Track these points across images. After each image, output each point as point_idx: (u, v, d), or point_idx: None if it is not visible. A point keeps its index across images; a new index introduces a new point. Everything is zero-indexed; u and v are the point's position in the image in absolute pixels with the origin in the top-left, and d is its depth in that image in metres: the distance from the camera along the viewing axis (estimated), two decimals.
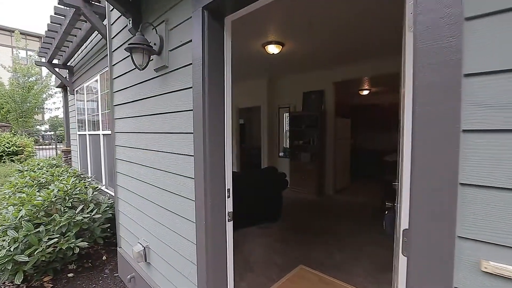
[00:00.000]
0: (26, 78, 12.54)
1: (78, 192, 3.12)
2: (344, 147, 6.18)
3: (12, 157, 9.04)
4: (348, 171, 6.50)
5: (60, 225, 2.63)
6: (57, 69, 5.92)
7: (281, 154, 6.70)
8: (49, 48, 4.73)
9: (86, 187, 3.33)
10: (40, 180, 3.78)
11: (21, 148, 9.55)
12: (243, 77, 6.48)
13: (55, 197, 2.95)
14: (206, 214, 1.46)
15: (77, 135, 5.47)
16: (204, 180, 1.44)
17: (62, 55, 5.17)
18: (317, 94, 5.83)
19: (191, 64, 1.50)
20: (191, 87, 1.51)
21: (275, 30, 3.52)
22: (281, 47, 4.06)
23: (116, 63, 2.47)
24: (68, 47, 4.68)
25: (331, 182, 5.75)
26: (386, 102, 7.40)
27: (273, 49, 4.06)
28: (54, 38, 4.26)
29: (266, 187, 3.93)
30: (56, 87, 7.44)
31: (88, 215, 2.84)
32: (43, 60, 5.31)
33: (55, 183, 3.49)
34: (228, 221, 1.57)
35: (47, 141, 15.36)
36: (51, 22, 3.72)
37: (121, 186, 2.55)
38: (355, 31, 3.51)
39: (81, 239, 2.73)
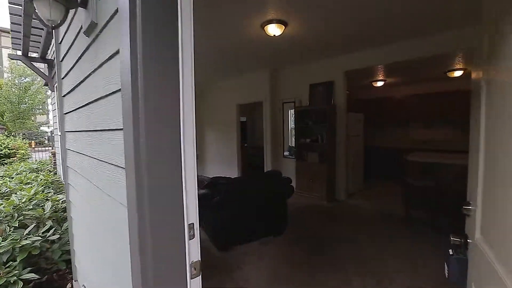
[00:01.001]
0: (22, 78, 12.17)
1: (33, 207, 2.53)
2: (356, 145, 5.48)
3: (4, 160, 8.61)
4: (361, 172, 5.80)
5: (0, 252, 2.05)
6: (42, 65, 5.42)
7: (286, 153, 6.04)
8: (20, 38, 4.18)
9: (48, 199, 2.75)
10: (1, 189, 3.22)
11: (14, 150, 9.12)
12: (241, 69, 5.83)
13: (3, 214, 2.38)
14: (145, 269, 0.83)
15: (58, 136, 4.93)
16: (138, 209, 0.81)
17: (39, 47, 4.63)
18: (326, 86, 5.14)
19: (117, 11, 0.87)
20: (118, 51, 0.87)
21: (275, 3, 2.86)
22: (283, 27, 3.40)
23: (62, 38, 1.85)
24: (41, 36, 4.13)
25: (343, 185, 5.06)
26: (406, 94, 6.63)
27: (274, 30, 3.39)
28: (21, 24, 3.69)
29: (268, 194, 3.29)
30: (44, 86, 6.94)
31: (40, 238, 2.24)
32: (19, 53, 4.77)
33: (18, 193, 2.93)
34: (192, 277, 0.93)
35: (51, 143, 15.02)
36: (9, 2, 3.15)
37: (72, 202, 1.95)
38: (377, 3, 2.83)
39: (29, 268, 2.14)
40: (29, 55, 4.80)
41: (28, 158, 9.62)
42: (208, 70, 5.78)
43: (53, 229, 2.42)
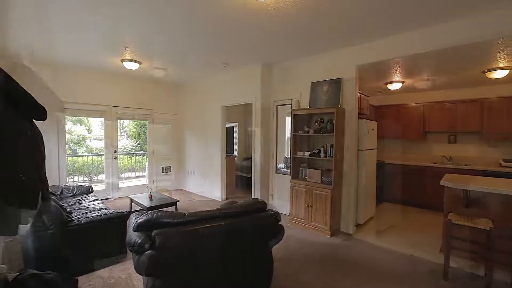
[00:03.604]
0: None
1: None
2: (369, 161, 4.30)
3: None
4: (373, 195, 4.60)
5: None
6: None
7: (280, 165, 4.85)
8: None
9: None
10: None
11: None
12: (225, 61, 4.65)
13: None
14: None
15: None
16: None
17: None
18: (332, 85, 4.01)
19: None
20: None
21: None
22: None
23: None
24: None
25: (352, 214, 3.86)
26: (429, 101, 5.49)
27: None
28: None
29: (243, 242, 2.08)
30: None
31: None
32: None
33: None
34: None
35: None
36: None
37: None
38: None
39: None
40: None
41: None
42: (187, 60, 4.64)
43: None
